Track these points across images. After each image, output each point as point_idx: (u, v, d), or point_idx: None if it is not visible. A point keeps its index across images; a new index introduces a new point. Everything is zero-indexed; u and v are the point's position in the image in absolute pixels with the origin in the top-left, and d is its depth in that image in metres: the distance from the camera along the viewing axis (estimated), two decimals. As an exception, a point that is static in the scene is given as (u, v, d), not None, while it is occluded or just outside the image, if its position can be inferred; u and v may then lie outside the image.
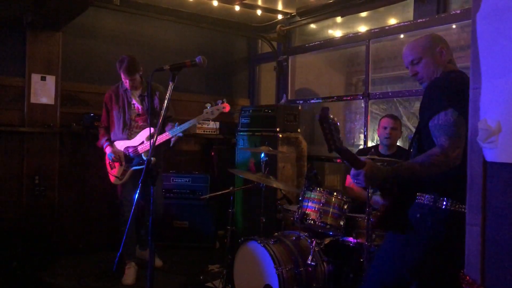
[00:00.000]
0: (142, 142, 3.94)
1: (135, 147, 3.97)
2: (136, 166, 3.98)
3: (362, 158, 2.04)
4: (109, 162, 4.10)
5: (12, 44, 4.55)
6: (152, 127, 3.92)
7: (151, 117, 4.01)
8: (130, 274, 3.97)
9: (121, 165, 4.04)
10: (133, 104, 4.07)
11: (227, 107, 3.83)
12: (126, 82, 3.96)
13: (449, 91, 1.99)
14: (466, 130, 1.90)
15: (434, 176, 1.95)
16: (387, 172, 1.97)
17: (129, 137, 4.03)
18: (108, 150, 4.05)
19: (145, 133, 3.96)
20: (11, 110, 4.54)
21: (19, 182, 4.55)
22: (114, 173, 4.08)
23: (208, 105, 3.82)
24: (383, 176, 1.97)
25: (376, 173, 1.96)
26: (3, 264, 3.89)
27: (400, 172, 1.96)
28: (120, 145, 4.05)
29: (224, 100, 3.83)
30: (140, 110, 4.07)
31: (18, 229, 4.45)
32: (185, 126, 3.74)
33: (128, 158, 4.01)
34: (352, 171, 2.00)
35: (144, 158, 3.93)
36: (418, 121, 2.19)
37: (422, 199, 2.03)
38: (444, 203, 1.96)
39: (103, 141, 4.11)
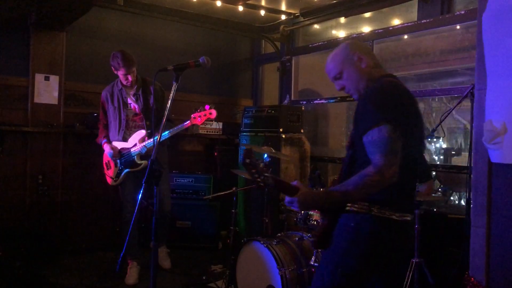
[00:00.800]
0: (135, 144, 3.94)
1: (128, 149, 3.97)
2: (129, 168, 3.97)
3: (294, 182, 2.03)
4: (106, 162, 4.07)
5: (16, 44, 4.57)
6: (149, 127, 3.91)
7: (146, 116, 3.98)
8: (132, 274, 3.97)
9: (115, 166, 4.02)
10: (129, 103, 4.04)
11: (213, 113, 3.77)
12: (129, 78, 3.90)
13: (383, 104, 1.91)
14: (413, 141, 1.94)
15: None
16: (321, 198, 1.96)
17: (125, 138, 4.00)
18: (106, 148, 4.00)
19: (138, 135, 3.95)
20: (15, 110, 4.55)
21: (23, 182, 4.56)
22: (109, 173, 4.06)
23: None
24: (317, 202, 1.97)
25: (309, 200, 1.95)
26: (6, 263, 3.89)
27: (334, 197, 1.93)
28: (116, 146, 4.03)
29: (212, 106, 3.77)
30: (137, 109, 4.03)
31: (21, 229, 4.46)
32: (165, 136, 3.76)
33: (122, 159, 4.00)
34: (287, 198, 2.00)
35: (137, 160, 3.93)
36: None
37: (354, 208, 1.97)
38: (376, 210, 1.93)
39: (101, 138, 4.09)
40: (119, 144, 4.02)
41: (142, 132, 3.93)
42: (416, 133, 1.98)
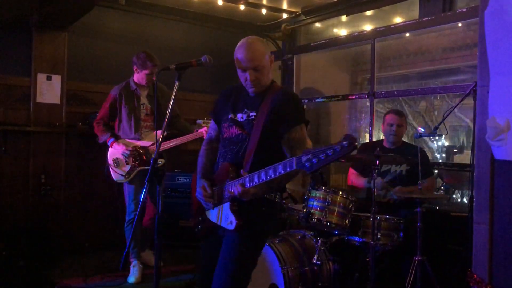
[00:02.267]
0: (154, 143, 3.94)
1: (146, 148, 3.98)
2: (144, 166, 3.95)
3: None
4: (114, 159, 4.01)
5: (18, 44, 4.57)
6: (159, 128, 3.91)
7: (159, 117, 4.00)
8: (135, 272, 3.98)
9: (127, 163, 4.01)
10: (142, 104, 4.08)
11: None
12: (153, 78, 3.97)
13: (302, 107, 2.34)
14: None
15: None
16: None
17: (141, 137, 4.02)
18: (117, 145, 3.96)
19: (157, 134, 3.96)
20: (17, 110, 4.56)
21: (25, 182, 4.57)
22: (119, 171, 4.00)
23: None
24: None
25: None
26: (9, 262, 3.91)
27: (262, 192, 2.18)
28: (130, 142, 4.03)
29: None
30: (149, 110, 4.09)
31: (24, 228, 4.47)
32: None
33: (136, 157, 3.97)
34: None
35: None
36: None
37: (271, 196, 2.28)
38: (277, 196, 2.31)
39: (106, 137, 4.01)
40: (132, 143, 4.00)
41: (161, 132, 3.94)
42: None
